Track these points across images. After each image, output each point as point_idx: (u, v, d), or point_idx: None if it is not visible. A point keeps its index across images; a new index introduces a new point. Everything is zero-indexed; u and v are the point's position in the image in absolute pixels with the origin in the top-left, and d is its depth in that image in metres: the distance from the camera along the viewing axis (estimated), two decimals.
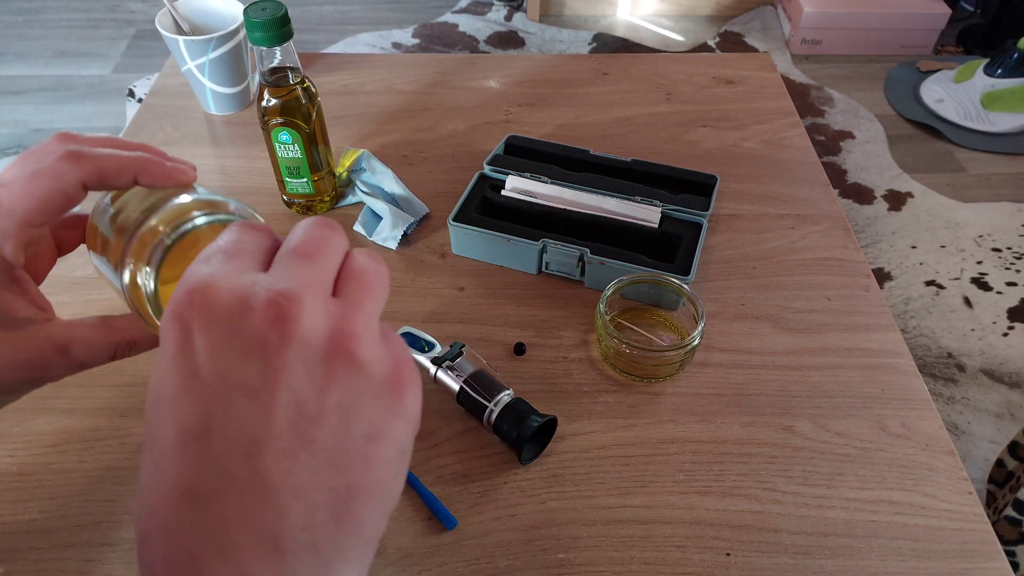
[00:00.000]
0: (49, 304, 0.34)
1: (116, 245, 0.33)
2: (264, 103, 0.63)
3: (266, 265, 0.24)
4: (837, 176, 1.88)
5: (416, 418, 0.25)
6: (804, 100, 2.12)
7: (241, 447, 0.21)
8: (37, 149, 0.33)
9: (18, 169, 0.32)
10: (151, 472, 0.22)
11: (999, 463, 1.29)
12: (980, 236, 1.73)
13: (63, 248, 0.37)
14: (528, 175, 0.70)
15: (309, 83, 0.64)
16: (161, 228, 0.32)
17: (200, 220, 0.32)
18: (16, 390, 0.33)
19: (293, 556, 0.21)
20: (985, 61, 2.03)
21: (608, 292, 0.59)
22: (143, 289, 0.32)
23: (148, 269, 0.32)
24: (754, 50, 2.34)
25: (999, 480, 1.26)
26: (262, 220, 0.34)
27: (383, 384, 0.23)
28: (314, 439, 0.22)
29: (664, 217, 0.67)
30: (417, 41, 2.34)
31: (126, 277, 0.32)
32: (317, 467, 0.22)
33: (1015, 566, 1.06)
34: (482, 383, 0.53)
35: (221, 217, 0.33)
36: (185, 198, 0.33)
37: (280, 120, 0.63)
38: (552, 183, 0.70)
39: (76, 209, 0.34)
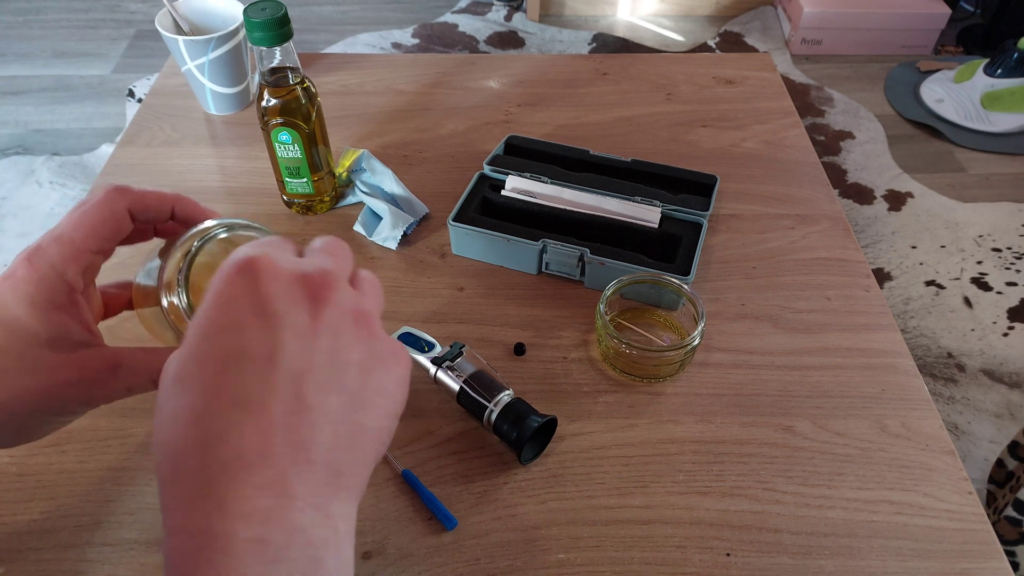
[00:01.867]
0: (99, 332, 0.37)
1: (158, 284, 0.37)
2: (264, 103, 0.63)
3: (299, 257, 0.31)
4: (837, 176, 1.88)
5: (407, 391, 0.31)
6: (804, 100, 2.12)
7: (290, 374, 0.26)
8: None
9: (73, 209, 0.37)
10: (200, 388, 0.26)
11: (999, 463, 1.29)
12: (980, 236, 1.73)
13: (110, 308, 0.41)
14: (528, 175, 0.70)
15: (309, 83, 0.64)
16: (187, 245, 0.37)
17: (222, 233, 0.37)
18: (69, 410, 0.35)
19: (319, 468, 0.26)
20: (985, 61, 2.03)
21: (608, 292, 0.59)
22: (179, 302, 0.36)
23: (180, 277, 0.35)
24: (754, 50, 2.34)
25: (999, 480, 1.26)
26: (270, 232, 0.39)
27: (391, 355, 0.30)
28: (342, 381, 0.28)
29: (664, 217, 0.67)
30: (417, 41, 2.34)
31: (164, 301, 0.36)
32: (343, 404, 0.28)
33: (1015, 566, 1.06)
34: (482, 383, 0.53)
35: (240, 232, 0.38)
36: (209, 222, 0.38)
37: (280, 120, 0.63)
38: (552, 183, 0.70)
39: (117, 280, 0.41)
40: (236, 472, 0.24)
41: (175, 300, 0.36)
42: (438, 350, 0.56)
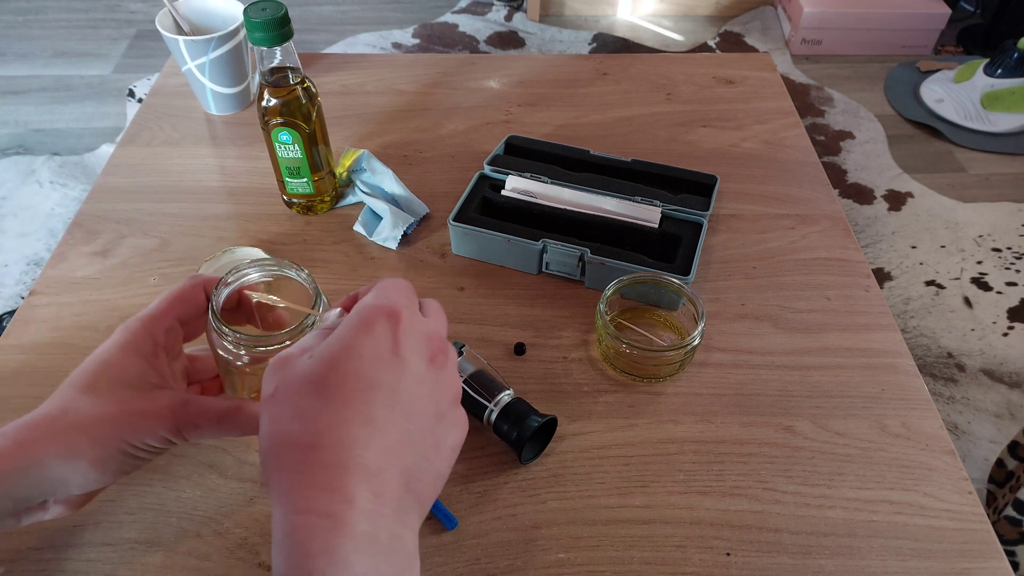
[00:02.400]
0: (172, 381, 0.44)
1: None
2: (264, 103, 0.63)
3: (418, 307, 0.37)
4: (837, 176, 1.88)
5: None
6: (804, 100, 2.12)
7: (404, 409, 0.33)
8: None
9: None
10: (342, 400, 0.32)
11: (999, 463, 1.29)
12: (980, 236, 1.73)
13: (204, 378, 0.49)
14: (528, 175, 0.70)
15: (309, 83, 0.64)
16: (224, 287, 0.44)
17: (254, 274, 0.45)
18: (142, 439, 0.40)
19: (410, 491, 0.33)
20: (985, 61, 2.03)
21: (608, 292, 0.59)
22: (225, 340, 0.42)
23: (219, 319, 0.42)
24: (754, 50, 2.34)
25: (999, 480, 1.26)
26: (295, 272, 0.45)
27: (463, 420, 0.37)
28: (435, 429, 0.35)
29: (664, 217, 0.67)
30: (417, 41, 2.34)
31: (218, 347, 0.44)
32: (431, 447, 0.34)
33: (1015, 566, 1.06)
34: (482, 383, 0.53)
35: (270, 269, 0.45)
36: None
37: (280, 120, 0.63)
38: (552, 183, 0.70)
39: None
40: (363, 476, 0.31)
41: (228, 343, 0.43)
42: None
